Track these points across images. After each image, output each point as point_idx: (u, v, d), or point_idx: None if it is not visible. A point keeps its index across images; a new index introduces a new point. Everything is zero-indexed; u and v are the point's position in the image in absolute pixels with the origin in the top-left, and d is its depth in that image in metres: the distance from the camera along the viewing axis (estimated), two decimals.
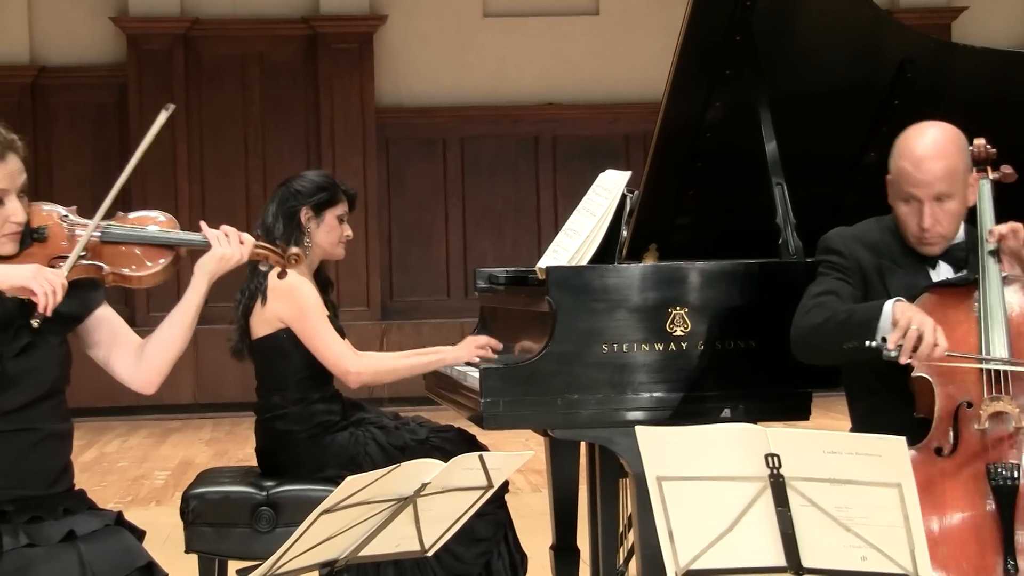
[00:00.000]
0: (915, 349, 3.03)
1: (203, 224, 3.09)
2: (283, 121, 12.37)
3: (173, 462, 9.11)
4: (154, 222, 3.10)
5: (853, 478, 2.63)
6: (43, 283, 2.79)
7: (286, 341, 4.18)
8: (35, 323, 2.82)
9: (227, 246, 3.04)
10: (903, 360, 3.04)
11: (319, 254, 4.34)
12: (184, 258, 3.12)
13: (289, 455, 4.23)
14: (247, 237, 3.08)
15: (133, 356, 3.10)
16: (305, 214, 4.27)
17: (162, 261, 3.06)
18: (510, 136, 12.76)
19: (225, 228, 3.06)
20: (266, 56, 12.39)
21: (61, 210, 3.06)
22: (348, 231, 4.38)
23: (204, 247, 3.07)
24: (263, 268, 3.20)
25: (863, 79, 4.19)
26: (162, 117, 3.10)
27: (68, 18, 12.40)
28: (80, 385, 3.08)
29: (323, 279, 4.40)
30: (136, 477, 8.55)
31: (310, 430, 4.21)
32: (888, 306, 3.14)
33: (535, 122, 12.75)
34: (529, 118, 12.72)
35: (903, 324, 3.06)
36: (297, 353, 4.19)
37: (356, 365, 4.22)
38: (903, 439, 2.64)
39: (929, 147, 3.34)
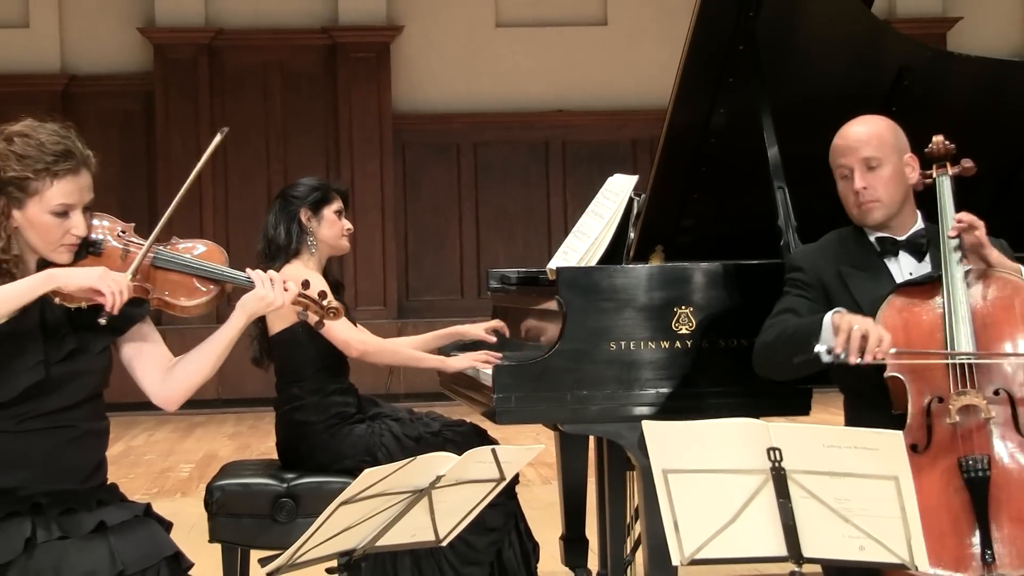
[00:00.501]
0: (862, 351, 3.06)
1: (248, 269, 3.07)
2: (303, 127, 12.39)
3: (197, 455, 9.14)
4: (204, 253, 3.07)
5: (852, 471, 2.63)
6: (110, 283, 2.79)
7: (301, 334, 4.22)
8: (103, 321, 2.82)
9: (270, 290, 3.02)
10: (852, 360, 3.06)
11: (325, 251, 4.40)
12: (228, 293, 3.09)
13: (308, 445, 4.25)
14: (291, 285, 3.06)
15: (162, 373, 3.09)
16: (304, 214, 4.35)
17: (206, 296, 3.03)
18: (522, 141, 12.77)
19: (271, 274, 3.05)
20: (287, 65, 12.42)
21: (119, 227, 3.05)
22: (348, 224, 4.45)
23: (248, 287, 3.04)
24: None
25: (862, 86, 4.18)
26: (217, 139, 3.09)
27: (97, 28, 12.43)
28: (120, 367, 3.08)
29: (333, 282, 4.40)
30: (162, 470, 8.57)
31: (327, 420, 4.23)
32: (827, 317, 3.18)
33: (546, 128, 12.75)
34: (540, 124, 12.73)
35: (844, 328, 3.09)
36: (313, 345, 4.23)
37: (361, 336, 4.30)
38: (900, 433, 2.64)
39: (854, 122, 3.46)
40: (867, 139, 3.40)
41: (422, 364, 4.45)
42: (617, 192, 4.21)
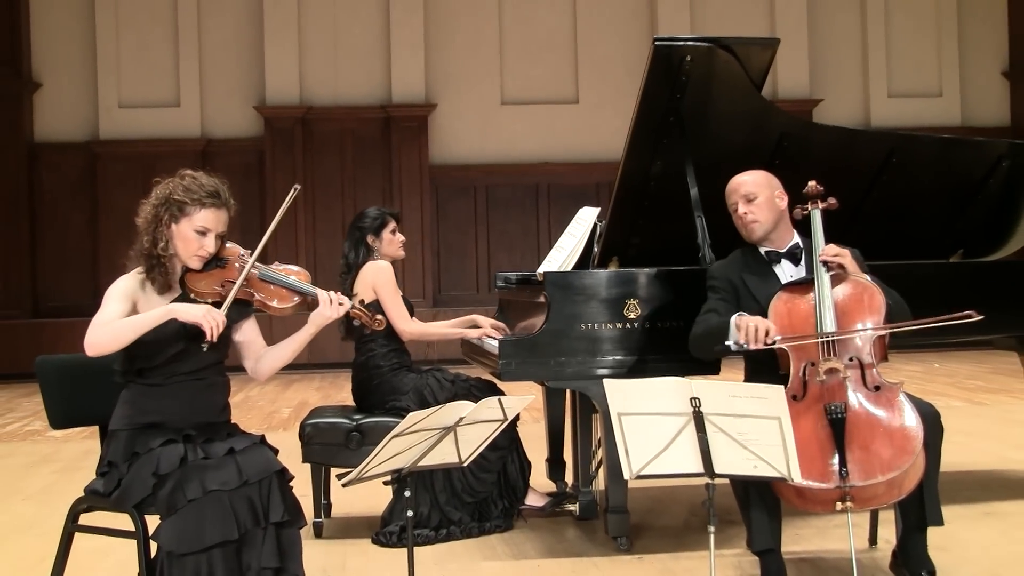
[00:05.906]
0: (757, 339, 3.10)
1: (319, 290, 3.01)
2: (367, 174, 12.38)
3: (294, 402, 9.12)
4: (296, 273, 3.04)
5: (749, 413, 2.63)
6: (211, 320, 2.78)
7: (378, 307, 4.22)
8: (204, 347, 2.82)
9: (330, 307, 2.98)
10: (751, 347, 3.11)
11: (388, 259, 4.39)
12: (309, 303, 3.04)
13: (376, 383, 4.29)
14: (346, 303, 3.01)
15: (256, 359, 3.10)
16: (370, 238, 4.35)
17: (291, 304, 3.00)
18: (519, 185, 12.75)
19: (331, 294, 3.01)
20: (356, 131, 12.40)
21: (241, 250, 3.04)
22: (401, 237, 4.47)
23: (315, 298, 3.00)
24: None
25: (755, 146, 4.17)
26: (292, 194, 3.06)
27: (226, 106, 12.42)
28: (234, 352, 3.07)
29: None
30: (270, 412, 8.56)
31: (391, 365, 4.29)
32: (732, 319, 3.20)
33: (536, 175, 12.74)
34: (532, 173, 12.71)
35: (743, 326, 3.13)
36: (386, 316, 4.20)
37: (408, 326, 4.30)
38: (782, 388, 2.64)
39: (740, 174, 3.49)
40: (745, 181, 3.44)
41: (449, 335, 4.45)
42: (586, 219, 4.20)
